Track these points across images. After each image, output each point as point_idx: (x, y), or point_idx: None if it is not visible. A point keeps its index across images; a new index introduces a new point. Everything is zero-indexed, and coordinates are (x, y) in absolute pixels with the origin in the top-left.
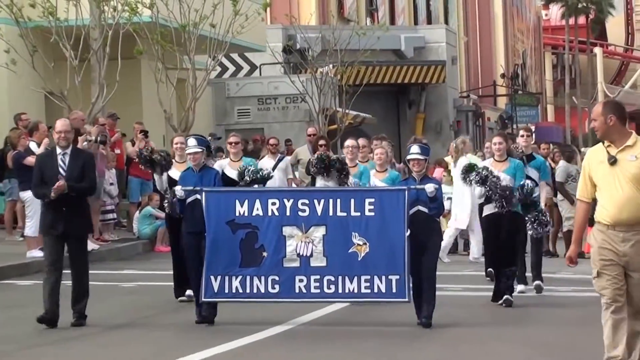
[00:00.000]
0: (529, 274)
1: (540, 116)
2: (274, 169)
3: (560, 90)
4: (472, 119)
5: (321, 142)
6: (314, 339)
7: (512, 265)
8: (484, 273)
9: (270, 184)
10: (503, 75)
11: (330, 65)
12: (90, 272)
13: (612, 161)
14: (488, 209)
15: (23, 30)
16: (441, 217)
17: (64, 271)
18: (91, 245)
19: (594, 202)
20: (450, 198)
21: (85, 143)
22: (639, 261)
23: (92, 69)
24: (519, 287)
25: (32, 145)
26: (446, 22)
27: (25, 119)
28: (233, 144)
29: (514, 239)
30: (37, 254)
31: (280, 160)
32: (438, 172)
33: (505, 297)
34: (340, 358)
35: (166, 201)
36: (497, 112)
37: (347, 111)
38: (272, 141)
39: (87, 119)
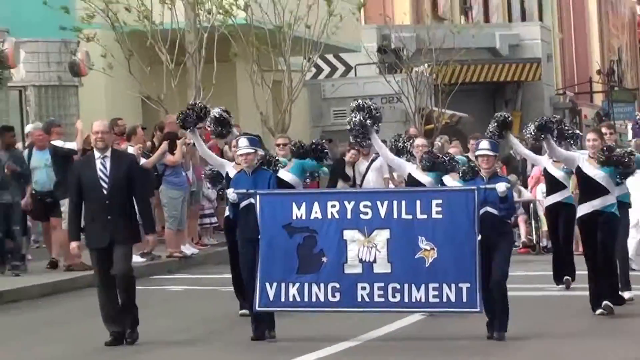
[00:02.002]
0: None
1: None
2: (367, 170)
3: None
4: (569, 117)
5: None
6: (385, 356)
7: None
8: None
9: (364, 185)
10: (599, 72)
11: (426, 65)
12: (191, 276)
13: None
14: (582, 210)
15: (119, 35)
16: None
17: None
18: (190, 250)
19: None
20: None
21: (183, 146)
22: None
23: (188, 72)
24: (625, 294)
25: (130, 150)
26: (540, 19)
27: (121, 124)
28: (281, 146)
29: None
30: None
31: (373, 160)
32: None
33: (604, 303)
34: None
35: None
36: (593, 109)
37: (443, 110)
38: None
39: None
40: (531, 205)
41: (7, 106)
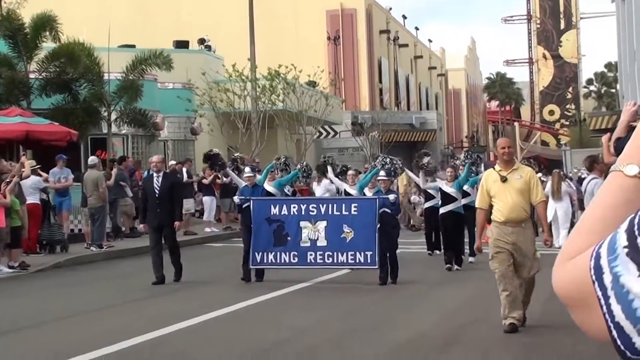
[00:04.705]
0: None
1: None
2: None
3: None
4: (450, 160)
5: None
6: (325, 291)
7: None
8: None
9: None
10: (466, 136)
11: (376, 132)
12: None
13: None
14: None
15: (217, 114)
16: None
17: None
18: None
19: (490, 207)
20: None
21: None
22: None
23: (252, 133)
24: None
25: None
26: (436, 108)
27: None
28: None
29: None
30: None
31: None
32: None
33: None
34: (340, 305)
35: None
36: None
37: (384, 155)
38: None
39: (249, 158)
40: None
41: (157, 150)
